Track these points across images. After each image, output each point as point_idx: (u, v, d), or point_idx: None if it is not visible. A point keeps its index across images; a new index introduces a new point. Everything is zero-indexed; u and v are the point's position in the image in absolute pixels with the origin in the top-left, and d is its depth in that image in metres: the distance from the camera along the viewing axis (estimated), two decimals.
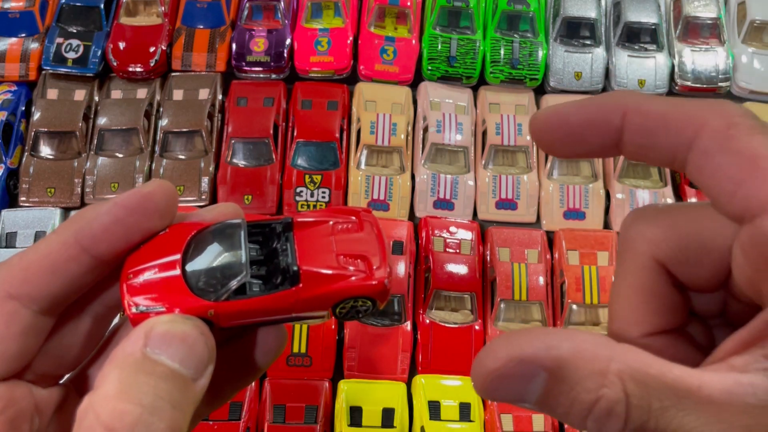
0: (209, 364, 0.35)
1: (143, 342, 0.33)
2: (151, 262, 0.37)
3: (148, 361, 0.33)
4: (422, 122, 1.24)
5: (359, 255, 0.39)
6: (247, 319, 0.38)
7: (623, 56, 1.29)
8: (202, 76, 1.27)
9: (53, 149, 1.21)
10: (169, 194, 0.38)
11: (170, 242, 0.38)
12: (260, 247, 0.40)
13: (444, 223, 1.16)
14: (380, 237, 0.41)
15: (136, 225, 0.37)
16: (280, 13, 1.30)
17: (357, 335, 1.08)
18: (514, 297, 1.10)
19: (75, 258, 0.37)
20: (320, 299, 0.38)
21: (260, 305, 0.37)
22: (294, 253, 0.38)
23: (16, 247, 1.13)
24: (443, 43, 1.28)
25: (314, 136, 1.21)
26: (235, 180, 1.18)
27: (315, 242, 0.39)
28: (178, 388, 0.33)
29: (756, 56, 1.29)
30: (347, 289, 0.38)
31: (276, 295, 0.37)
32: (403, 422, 1.02)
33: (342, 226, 0.41)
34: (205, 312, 0.37)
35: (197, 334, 0.35)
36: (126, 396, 0.32)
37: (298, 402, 1.03)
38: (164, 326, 0.34)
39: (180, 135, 1.21)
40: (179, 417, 0.32)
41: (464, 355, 1.08)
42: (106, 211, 0.37)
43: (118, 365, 0.33)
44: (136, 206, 0.37)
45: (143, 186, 0.38)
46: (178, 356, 0.34)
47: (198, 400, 0.34)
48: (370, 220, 0.41)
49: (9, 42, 1.28)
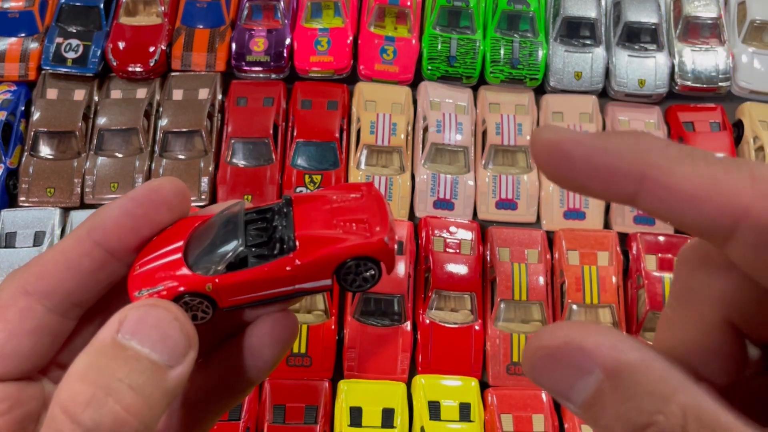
0: (188, 351, 0.34)
1: (116, 328, 0.33)
2: (156, 252, 0.38)
3: (116, 347, 0.33)
4: (422, 122, 1.24)
5: (359, 220, 0.38)
6: (248, 293, 0.37)
7: (623, 56, 1.29)
8: (201, 76, 1.26)
9: (53, 149, 1.21)
10: (178, 189, 0.39)
11: (175, 234, 0.38)
12: (263, 230, 0.39)
13: (444, 223, 1.16)
14: (381, 205, 0.40)
15: (144, 217, 0.38)
16: (280, 13, 1.30)
17: (357, 335, 1.08)
18: (514, 297, 1.10)
19: (88, 253, 0.37)
20: (319, 263, 0.37)
21: (259, 275, 0.37)
22: (291, 224, 0.38)
23: (15, 248, 1.13)
24: (443, 42, 1.28)
25: (314, 136, 1.21)
26: (235, 180, 1.18)
27: (314, 213, 0.39)
28: (144, 373, 0.32)
29: (756, 56, 1.29)
30: (345, 249, 0.37)
31: (274, 263, 0.37)
32: (403, 422, 1.02)
33: (342, 198, 0.40)
34: (204, 286, 0.37)
35: (170, 319, 0.34)
36: (84, 377, 0.32)
37: (297, 402, 1.03)
38: (137, 312, 0.34)
39: (180, 135, 1.21)
40: (140, 402, 0.32)
41: (464, 356, 1.08)
42: (116, 205, 0.38)
43: (88, 350, 0.33)
44: (143, 198, 0.38)
45: (152, 180, 0.39)
46: (148, 341, 0.33)
47: (174, 387, 0.33)
48: (372, 192, 0.40)
49: (8, 42, 1.27)
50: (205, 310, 0.37)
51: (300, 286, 0.38)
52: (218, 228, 0.38)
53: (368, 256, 0.38)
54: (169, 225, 0.39)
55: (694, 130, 1.25)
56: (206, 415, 0.41)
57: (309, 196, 0.40)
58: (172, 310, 0.35)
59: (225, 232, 0.38)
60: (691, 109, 1.28)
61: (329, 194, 0.40)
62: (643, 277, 1.10)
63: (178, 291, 0.37)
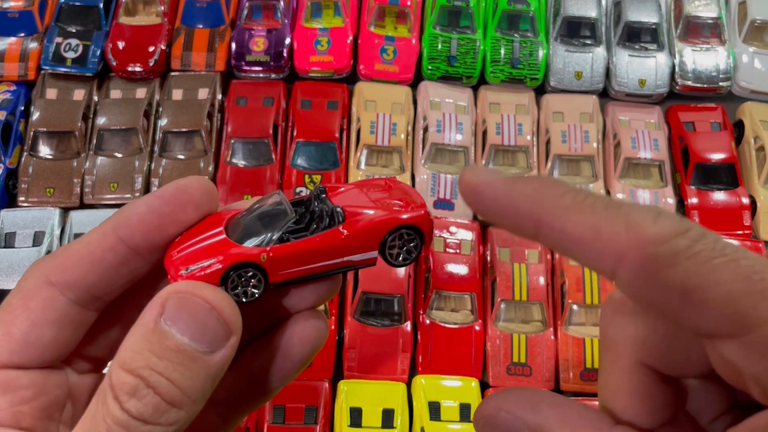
0: (229, 337, 0.35)
1: (159, 311, 0.34)
2: (194, 239, 0.38)
3: (158, 333, 0.34)
4: (422, 122, 1.23)
5: (396, 200, 0.41)
6: (300, 265, 0.38)
7: (624, 56, 1.29)
8: (201, 76, 1.26)
9: (52, 149, 1.21)
10: (206, 188, 0.39)
11: (209, 225, 0.39)
12: (300, 217, 0.41)
13: (444, 223, 1.15)
14: (411, 190, 0.42)
15: (170, 215, 0.38)
16: (280, 13, 1.30)
17: (357, 335, 1.08)
18: (514, 297, 1.10)
19: (112, 248, 0.37)
20: (368, 232, 0.39)
21: (311, 245, 0.38)
22: (333, 204, 0.40)
23: (15, 248, 1.13)
24: (443, 42, 1.28)
25: (314, 136, 1.21)
26: (235, 180, 1.18)
27: (352, 198, 0.41)
28: (184, 364, 0.34)
29: (757, 56, 1.29)
30: (391, 220, 0.39)
31: (325, 234, 0.38)
32: (403, 423, 1.02)
33: (372, 186, 0.42)
34: (258, 257, 0.38)
35: (207, 309, 0.35)
36: (129, 366, 0.33)
37: (297, 402, 1.02)
38: (177, 299, 0.35)
39: (179, 135, 1.21)
40: (178, 393, 0.34)
41: (464, 356, 1.08)
42: (143, 202, 0.38)
43: (134, 334, 0.34)
44: (170, 197, 0.38)
45: (181, 179, 0.39)
46: (189, 330, 0.34)
47: (216, 373, 0.35)
48: (397, 182, 0.43)
49: (8, 41, 1.27)
50: (255, 285, 0.38)
51: (348, 258, 0.39)
52: (262, 211, 0.39)
53: (414, 225, 0.40)
54: (196, 222, 0.39)
55: (694, 130, 1.25)
56: (233, 414, 0.42)
57: (338, 186, 0.42)
58: (209, 297, 0.35)
59: (271, 213, 0.39)
60: (691, 109, 1.28)
61: (356, 185, 0.42)
62: None
63: (230, 263, 0.37)
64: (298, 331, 0.40)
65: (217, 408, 0.41)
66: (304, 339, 0.40)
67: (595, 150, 1.22)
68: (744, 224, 1.18)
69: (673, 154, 1.25)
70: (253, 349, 0.41)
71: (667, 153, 1.23)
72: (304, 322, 0.40)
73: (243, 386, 0.41)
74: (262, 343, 0.41)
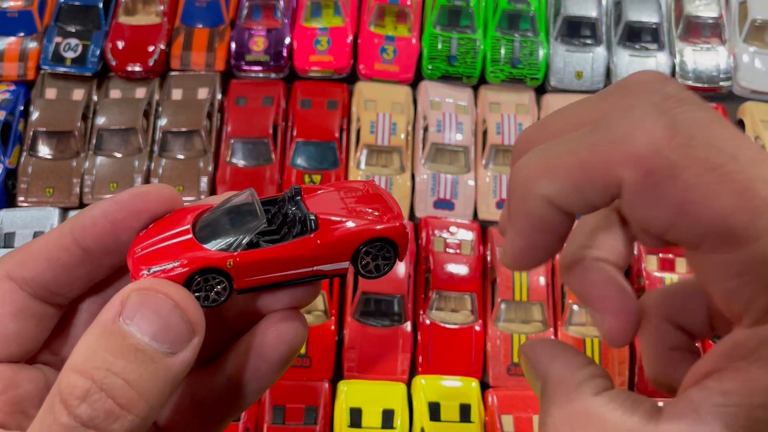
0: (192, 337, 0.34)
1: (118, 310, 0.33)
2: (159, 235, 0.37)
3: (117, 333, 0.32)
4: (422, 122, 1.23)
5: (372, 208, 0.40)
6: (267, 273, 0.37)
7: (624, 55, 1.28)
8: (201, 76, 1.26)
9: (52, 149, 1.21)
10: (165, 197, 0.38)
11: (177, 220, 0.38)
12: (272, 218, 0.39)
13: (444, 223, 1.15)
14: (388, 197, 0.41)
15: (123, 222, 0.38)
16: (280, 12, 1.29)
17: (357, 336, 1.08)
18: (514, 297, 1.10)
19: (67, 248, 0.37)
20: (340, 243, 0.38)
21: (281, 253, 0.37)
22: (306, 210, 0.38)
23: (14, 247, 1.13)
24: (443, 42, 1.27)
25: (314, 136, 1.21)
26: (234, 180, 1.18)
27: (326, 202, 0.40)
28: (143, 365, 0.32)
29: (757, 56, 1.29)
30: (366, 231, 0.38)
31: (296, 242, 0.37)
32: (403, 423, 1.02)
33: (349, 190, 0.41)
34: (224, 263, 0.36)
35: (170, 307, 0.33)
36: (82, 369, 0.32)
37: (297, 403, 1.02)
38: (138, 296, 0.33)
39: (179, 135, 1.21)
40: (135, 396, 0.32)
41: (464, 356, 1.08)
42: (99, 206, 0.38)
43: (90, 333, 0.33)
44: (127, 203, 0.38)
45: (141, 186, 0.39)
46: (150, 329, 0.33)
47: (176, 375, 0.33)
48: (374, 187, 0.42)
49: (7, 41, 1.27)
50: (219, 291, 0.37)
51: (319, 267, 0.38)
52: (231, 211, 0.38)
53: (388, 238, 0.39)
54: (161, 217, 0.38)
55: None
56: (215, 417, 0.41)
57: (315, 187, 0.41)
58: (173, 295, 0.34)
59: (241, 214, 0.38)
60: None
61: (335, 188, 0.41)
62: (644, 278, 1.10)
63: (194, 267, 0.36)
64: (273, 332, 0.39)
65: (197, 409, 0.40)
66: (278, 339, 0.39)
67: None
68: None
69: None
70: (233, 348, 0.40)
71: None
72: (280, 322, 0.39)
73: (222, 387, 0.40)
74: (241, 341, 0.40)
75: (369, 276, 0.40)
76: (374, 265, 0.39)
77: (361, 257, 0.39)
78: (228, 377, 0.40)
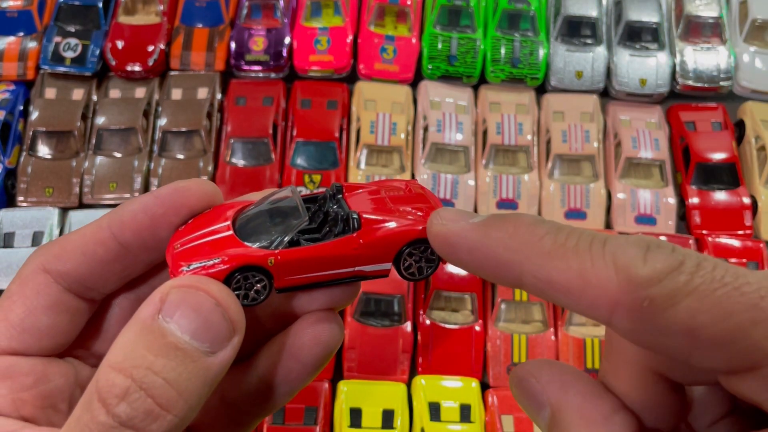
0: (232, 337, 0.33)
1: (158, 307, 0.32)
2: (199, 230, 0.36)
3: (156, 331, 0.32)
4: (422, 122, 1.23)
5: (416, 208, 0.38)
6: (308, 272, 0.36)
7: (624, 55, 1.28)
8: (200, 76, 1.26)
9: (51, 149, 1.21)
10: (205, 192, 0.38)
11: (217, 216, 0.37)
12: (312, 216, 0.38)
13: None
14: (431, 196, 0.39)
15: (163, 217, 0.37)
16: (280, 12, 1.29)
17: (357, 336, 1.07)
18: (514, 297, 1.09)
19: (104, 242, 0.37)
20: (383, 243, 0.36)
21: (323, 252, 0.36)
22: (348, 209, 0.37)
23: (14, 247, 1.13)
24: (443, 41, 1.27)
25: (314, 136, 1.20)
26: (234, 179, 1.18)
27: (369, 201, 0.38)
28: (182, 364, 0.31)
29: (758, 55, 1.29)
30: (411, 232, 0.36)
31: (338, 241, 0.36)
32: (403, 423, 1.02)
33: (391, 189, 0.39)
34: (266, 261, 0.35)
35: (212, 305, 0.32)
36: (121, 367, 0.31)
37: (297, 403, 1.02)
38: (179, 293, 0.32)
39: (179, 134, 1.21)
40: (174, 396, 0.31)
41: (465, 356, 1.08)
42: (139, 200, 0.37)
43: (129, 330, 0.32)
44: (166, 197, 0.37)
45: (182, 180, 0.38)
46: (190, 328, 0.32)
47: (216, 375, 0.32)
48: (418, 186, 0.40)
49: (7, 41, 1.27)
50: (258, 290, 0.36)
51: (360, 268, 0.37)
52: (273, 208, 0.37)
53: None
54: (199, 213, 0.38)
55: (695, 129, 1.24)
56: (246, 417, 0.40)
57: (357, 185, 0.39)
58: (214, 293, 0.33)
59: (283, 212, 0.37)
60: (692, 108, 1.28)
61: (377, 186, 0.40)
62: None
63: (235, 264, 0.35)
64: (309, 333, 0.38)
65: (229, 409, 0.39)
66: (314, 340, 0.38)
67: (596, 150, 1.22)
68: (745, 224, 1.18)
69: (674, 153, 1.24)
70: (267, 348, 0.39)
71: (668, 153, 1.23)
72: (316, 323, 0.38)
73: (255, 387, 0.39)
74: (275, 341, 0.39)
75: (410, 278, 0.38)
76: (417, 267, 0.37)
77: (403, 258, 0.37)
78: (259, 377, 0.39)
